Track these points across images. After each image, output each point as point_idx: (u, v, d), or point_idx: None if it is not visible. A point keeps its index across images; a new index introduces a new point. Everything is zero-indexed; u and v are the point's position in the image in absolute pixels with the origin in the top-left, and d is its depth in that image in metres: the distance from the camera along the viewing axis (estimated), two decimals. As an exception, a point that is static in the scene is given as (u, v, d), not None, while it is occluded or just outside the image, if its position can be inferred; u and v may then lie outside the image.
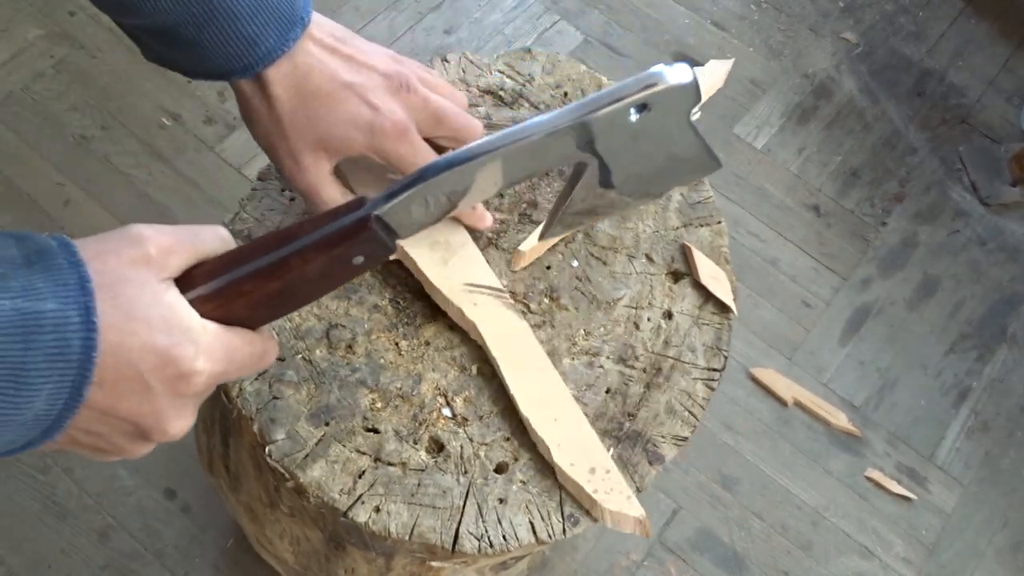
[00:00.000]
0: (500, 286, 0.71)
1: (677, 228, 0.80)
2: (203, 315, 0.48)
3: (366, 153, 0.66)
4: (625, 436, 0.70)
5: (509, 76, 0.85)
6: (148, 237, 0.47)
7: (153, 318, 0.45)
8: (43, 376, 0.42)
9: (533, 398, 0.68)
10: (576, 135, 0.51)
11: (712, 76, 0.87)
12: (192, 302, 0.48)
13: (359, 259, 0.51)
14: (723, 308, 0.76)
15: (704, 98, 0.86)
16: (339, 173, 0.69)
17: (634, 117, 0.49)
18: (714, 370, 0.74)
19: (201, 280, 0.49)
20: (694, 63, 1.57)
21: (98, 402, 0.45)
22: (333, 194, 0.67)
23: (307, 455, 0.65)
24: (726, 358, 0.75)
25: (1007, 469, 1.49)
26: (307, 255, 0.49)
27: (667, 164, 0.56)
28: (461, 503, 0.65)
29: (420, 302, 0.72)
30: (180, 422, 0.49)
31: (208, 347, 0.48)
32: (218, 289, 0.49)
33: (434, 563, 0.75)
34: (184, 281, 0.49)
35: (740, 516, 1.38)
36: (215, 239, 0.51)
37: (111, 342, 0.44)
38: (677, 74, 0.49)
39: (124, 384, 0.45)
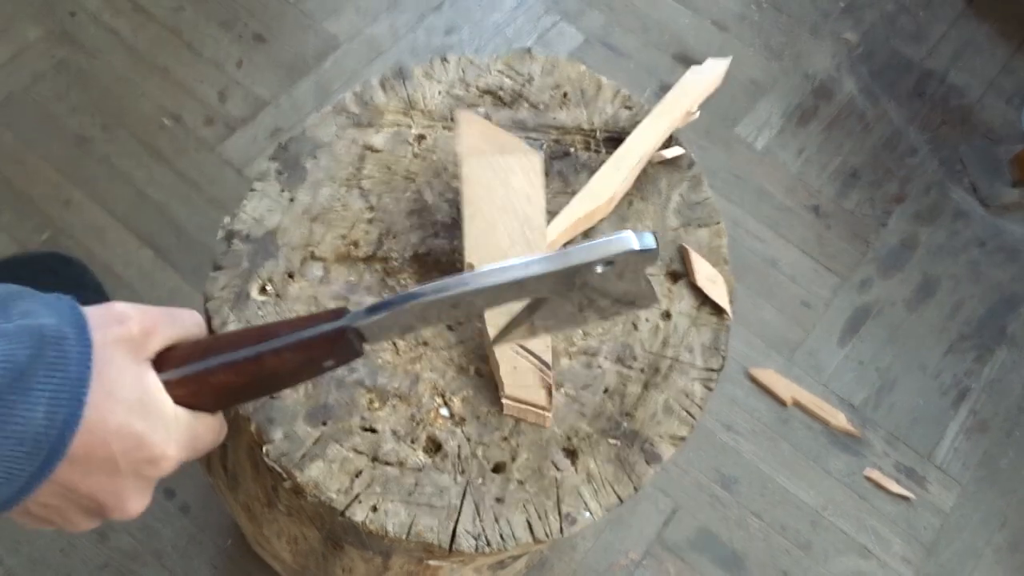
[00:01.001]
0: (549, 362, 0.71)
1: (676, 229, 0.80)
2: (172, 398, 0.49)
3: None
4: (623, 435, 0.70)
5: (508, 76, 0.85)
6: (132, 317, 0.48)
7: (133, 401, 0.46)
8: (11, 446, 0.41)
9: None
10: (549, 281, 0.54)
11: (710, 74, 0.87)
12: (164, 384, 0.49)
13: (329, 362, 0.54)
14: (719, 311, 0.76)
15: (702, 97, 0.86)
16: None
17: (600, 269, 0.53)
18: (712, 370, 0.74)
19: (174, 364, 0.50)
20: (693, 63, 1.57)
21: (64, 477, 0.45)
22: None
23: (304, 455, 0.65)
24: (724, 358, 0.75)
25: (1006, 469, 1.49)
26: (283, 354, 0.52)
27: (609, 305, 0.59)
28: (458, 502, 0.66)
29: (418, 302, 0.72)
30: (140, 502, 0.50)
31: (178, 435, 0.49)
32: (190, 375, 0.51)
33: (431, 562, 0.75)
34: (157, 363, 0.50)
35: (739, 516, 1.38)
36: (192, 324, 0.53)
37: (90, 419, 0.44)
38: (643, 241, 0.53)
39: (95, 462, 0.46)
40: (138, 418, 0.46)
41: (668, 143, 0.84)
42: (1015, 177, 1.74)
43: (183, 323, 0.52)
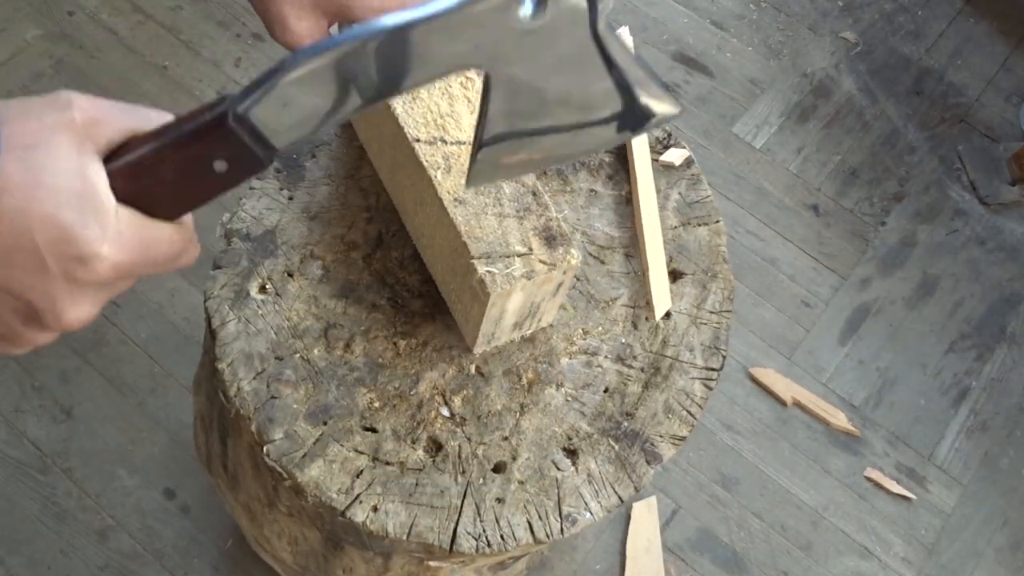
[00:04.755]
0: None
1: (675, 227, 0.80)
2: (120, 196, 0.44)
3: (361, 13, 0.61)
4: (623, 435, 0.70)
5: (507, 75, 0.85)
6: (75, 103, 0.43)
7: (63, 189, 0.42)
8: None
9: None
10: (454, 29, 0.43)
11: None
12: (109, 178, 0.44)
13: (221, 164, 0.46)
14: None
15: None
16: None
17: (527, 13, 0.43)
18: (712, 369, 0.74)
19: (122, 155, 0.44)
20: (697, 65, 1.57)
21: None
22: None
23: (305, 454, 0.65)
24: (724, 357, 0.75)
25: (1006, 469, 1.49)
26: (163, 155, 0.45)
27: (582, 100, 0.48)
28: (459, 503, 0.65)
29: (418, 301, 0.72)
30: (76, 310, 0.45)
31: (117, 233, 0.44)
32: (128, 165, 0.44)
33: (432, 563, 0.75)
34: (111, 159, 0.44)
35: (739, 516, 1.38)
36: (156, 120, 0.46)
37: (10, 206, 0.41)
38: None
39: (17, 254, 0.42)
40: (68, 209, 0.42)
41: (668, 142, 0.84)
42: (1014, 175, 1.74)
43: (144, 117, 0.46)
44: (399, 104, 0.66)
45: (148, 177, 0.45)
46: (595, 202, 0.79)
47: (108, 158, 0.44)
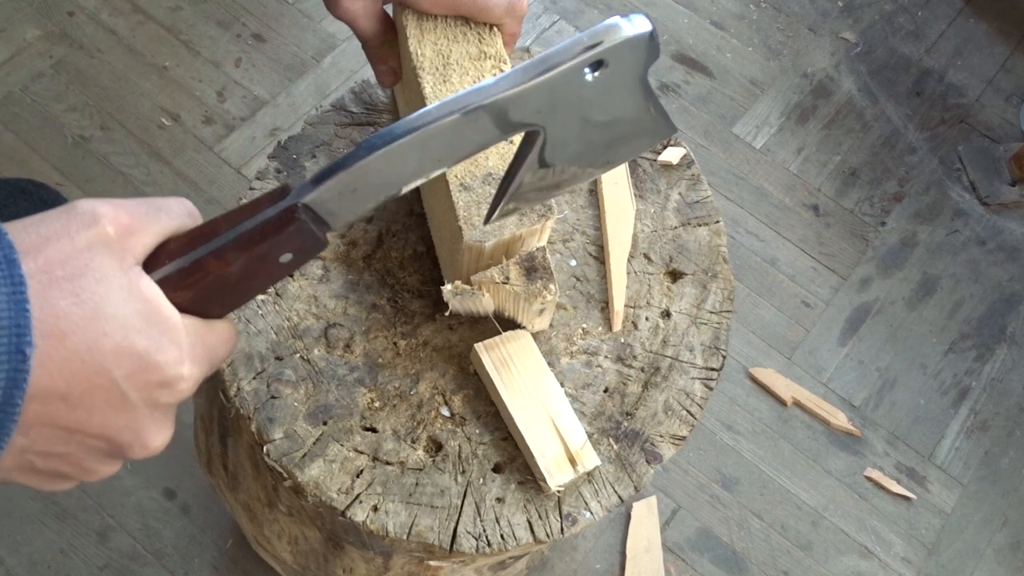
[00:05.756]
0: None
1: (675, 227, 0.80)
2: (178, 305, 0.42)
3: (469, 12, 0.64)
4: (623, 435, 0.70)
5: (507, 75, 0.85)
6: (103, 215, 0.39)
7: (126, 315, 0.38)
8: None
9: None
10: (528, 100, 0.44)
11: None
12: (161, 288, 0.41)
13: (287, 256, 0.44)
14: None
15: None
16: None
17: (590, 76, 0.44)
18: (712, 369, 0.74)
19: (167, 260, 0.42)
20: (700, 66, 1.57)
21: (61, 418, 0.38)
22: (370, 27, 0.65)
23: (305, 454, 0.65)
24: (724, 357, 0.75)
25: (1006, 468, 1.49)
26: (226, 254, 0.42)
27: (619, 131, 0.50)
28: (459, 502, 0.65)
29: (418, 301, 0.72)
30: (162, 434, 0.42)
31: (191, 348, 0.41)
32: (185, 270, 0.42)
33: (432, 562, 0.75)
34: (149, 264, 0.41)
35: (740, 516, 1.38)
36: (181, 212, 0.43)
37: (78, 346, 0.37)
38: (636, 24, 0.43)
39: (95, 395, 0.38)
40: (139, 335, 0.38)
41: (667, 143, 0.84)
42: (1014, 175, 1.74)
43: (170, 212, 0.42)
44: (428, 84, 0.66)
45: (207, 280, 0.42)
46: (595, 202, 0.79)
47: (147, 264, 0.41)
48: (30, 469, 0.41)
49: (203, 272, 0.42)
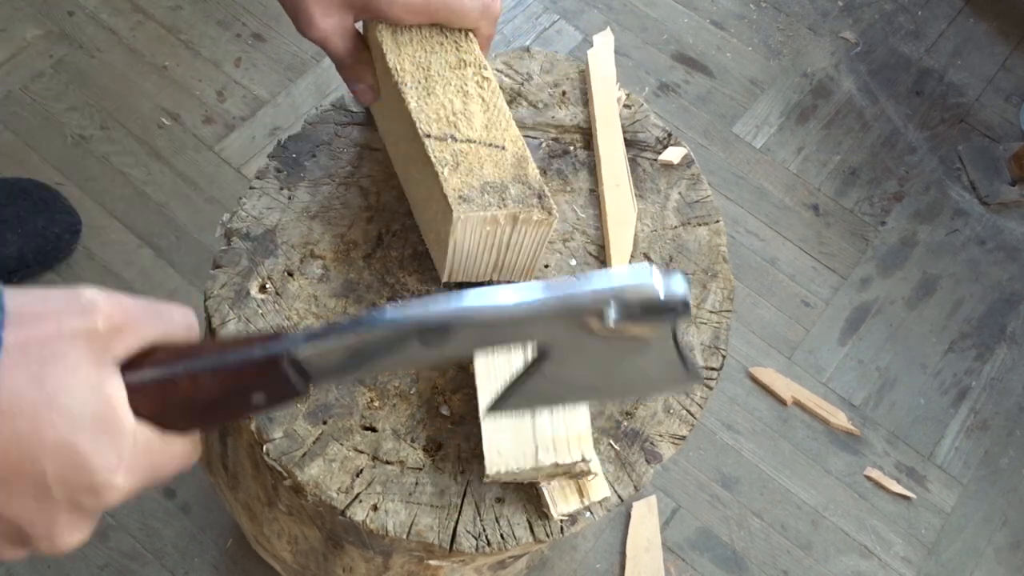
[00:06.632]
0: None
1: (675, 227, 0.80)
2: (138, 410, 0.41)
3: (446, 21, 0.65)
4: (623, 435, 0.70)
5: (507, 75, 0.85)
6: (100, 308, 0.39)
7: (79, 413, 0.38)
8: None
9: None
10: (542, 323, 0.43)
11: (605, 48, 0.87)
12: (128, 392, 0.40)
13: (260, 397, 0.43)
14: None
15: (609, 71, 0.85)
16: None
17: (613, 317, 0.42)
18: (712, 369, 0.74)
19: (148, 367, 0.42)
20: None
21: None
22: (342, 46, 0.65)
23: (305, 453, 0.65)
24: (724, 357, 0.75)
25: (1006, 468, 1.49)
26: (200, 380, 0.42)
27: (635, 374, 0.47)
28: (459, 502, 0.65)
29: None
30: (75, 536, 0.41)
31: (132, 458, 0.40)
32: (151, 383, 0.41)
33: (432, 562, 0.75)
34: (130, 365, 0.41)
35: (740, 515, 1.38)
36: (180, 323, 0.43)
37: (19, 429, 0.36)
38: (670, 286, 0.41)
39: (19, 480, 0.38)
40: (84, 434, 0.38)
41: (667, 142, 0.84)
42: (1014, 175, 1.74)
43: (169, 320, 0.42)
44: (413, 99, 0.66)
45: (176, 398, 0.42)
46: (596, 202, 0.79)
47: (127, 364, 0.41)
48: None
49: (173, 389, 0.42)
